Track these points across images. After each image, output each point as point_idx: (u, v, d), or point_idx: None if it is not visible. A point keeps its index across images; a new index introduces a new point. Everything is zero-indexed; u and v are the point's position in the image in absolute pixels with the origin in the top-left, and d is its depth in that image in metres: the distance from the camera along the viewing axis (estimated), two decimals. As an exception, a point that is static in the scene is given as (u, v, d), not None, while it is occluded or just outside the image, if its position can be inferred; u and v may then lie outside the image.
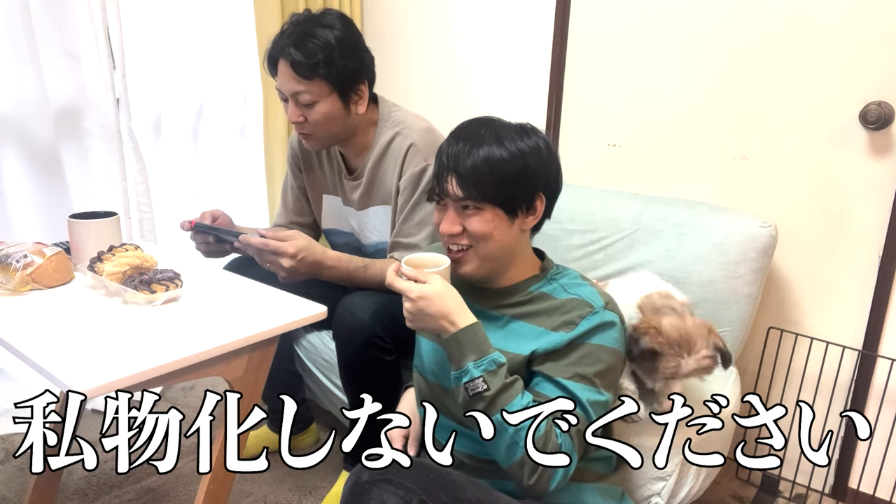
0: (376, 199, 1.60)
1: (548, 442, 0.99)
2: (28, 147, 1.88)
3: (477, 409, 1.01)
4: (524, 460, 0.98)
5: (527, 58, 2.12)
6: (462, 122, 1.13)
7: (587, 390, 1.04)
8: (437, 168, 1.11)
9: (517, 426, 0.98)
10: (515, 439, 0.99)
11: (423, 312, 1.04)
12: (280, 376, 1.78)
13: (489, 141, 1.06)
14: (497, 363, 1.02)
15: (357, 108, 1.51)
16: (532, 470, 0.99)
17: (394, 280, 1.06)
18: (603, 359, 1.06)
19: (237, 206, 2.43)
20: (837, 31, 1.59)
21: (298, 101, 1.45)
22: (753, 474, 1.85)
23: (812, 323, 1.74)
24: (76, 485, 1.72)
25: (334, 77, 1.43)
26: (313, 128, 1.49)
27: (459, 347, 1.03)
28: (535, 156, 1.08)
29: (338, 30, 1.43)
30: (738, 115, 1.77)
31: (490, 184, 1.06)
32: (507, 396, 1.01)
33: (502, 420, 0.99)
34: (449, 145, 1.10)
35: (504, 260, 1.13)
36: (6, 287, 1.18)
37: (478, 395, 1.00)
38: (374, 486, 0.99)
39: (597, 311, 1.07)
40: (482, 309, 1.16)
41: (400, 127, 1.54)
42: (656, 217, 1.69)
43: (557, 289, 1.12)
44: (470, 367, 1.01)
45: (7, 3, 1.74)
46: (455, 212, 1.09)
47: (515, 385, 1.02)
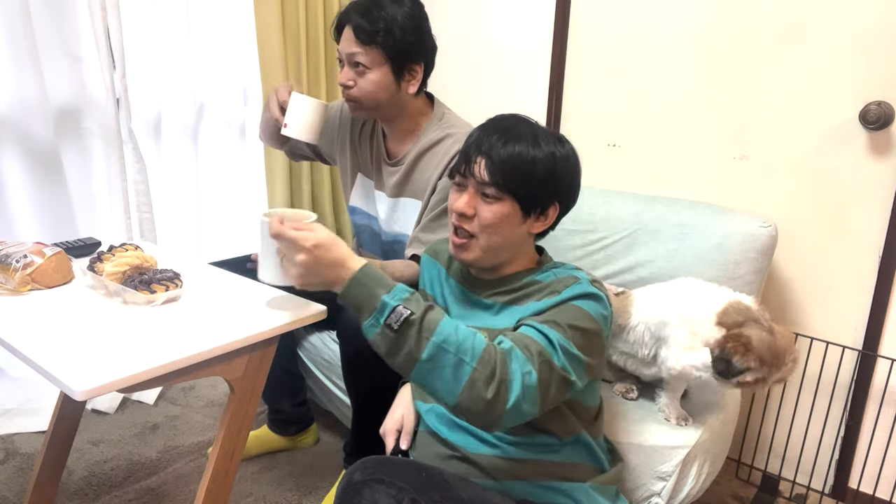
0: (409, 191, 1.60)
1: (494, 352, 0.94)
2: (28, 147, 1.88)
3: (409, 344, 0.92)
4: (474, 376, 0.91)
5: (527, 58, 2.13)
6: (499, 115, 1.14)
7: (558, 335, 1.00)
8: (467, 149, 1.11)
9: (458, 342, 0.92)
10: (460, 356, 0.91)
11: (321, 262, 0.95)
12: (282, 377, 1.78)
13: (526, 138, 1.08)
14: (408, 290, 0.96)
15: (408, 86, 1.52)
16: (487, 381, 0.91)
17: (282, 230, 0.97)
18: (580, 318, 1.03)
19: (237, 206, 2.43)
20: (837, 31, 1.59)
21: (353, 64, 1.48)
22: (753, 474, 1.85)
23: (812, 323, 1.74)
24: (76, 485, 1.72)
25: (390, 48, 1.46)
26: (360, 94, 1.50)
27: (365, 288, 0.94)
28: (564, 164, 1.10)
29: (406, 6, 1.47)
30: (738, 115, 1.77)
31: (517, 178, 1.07)
32: (435, 315, 0.94)
33: (439, 343, 0.91)
34: (485, 132, 1.10)
35: (504, 255, 1.14)
36: (6, 287, 1.18)
37: (405, 321, 0.92)
38: (366, 485, 0.99)
39: (581, 282, 1.08)
40: (476, 298, 1.17)
41: (452, 130, 1.55)
42: (656, 217, 1.69)
43: (549, 276, 1.14)
44: (385, 298, 0.93)
45: (7, 3, 1.74)
46: (473, 195, 1.10)
47: (437, 308, 0.97)
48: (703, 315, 1.32)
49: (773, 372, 1.23)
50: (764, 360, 1.22)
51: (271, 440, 1.88)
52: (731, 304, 1.31)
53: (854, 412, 1.71)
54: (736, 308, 1.30)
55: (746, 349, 1.22)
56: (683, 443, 1.34)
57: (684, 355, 1.33)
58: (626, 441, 1.35)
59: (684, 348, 1.33)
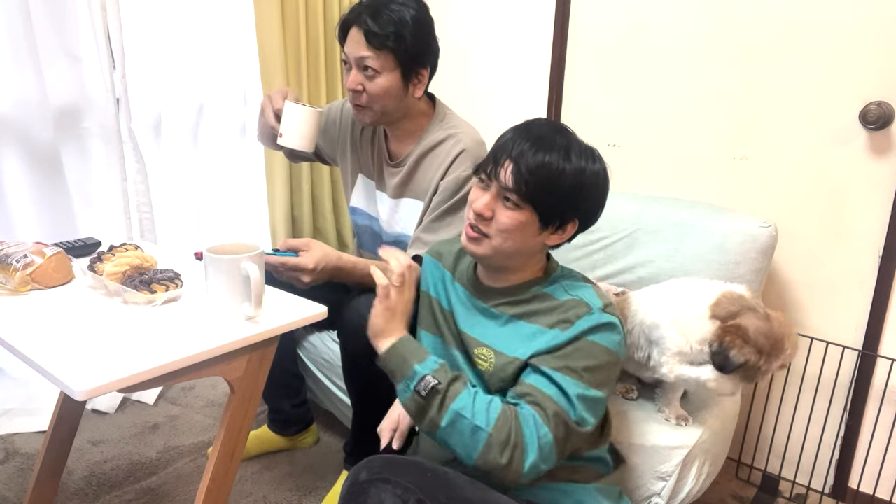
0: (411, 192, 1.60)
1: (510, 418, 0.99)
2: (28, 147, 1.88)
3: (433, 410, 1.01)
4: (490, 441, 0.98)
5: (527, 58, 2.13)
6: (535, 119, 1.12)
7: (574, 384, 1.02)
8: (497, 150, 1.09)
9: (475, 410, 0.99)
10: (476, 423, 0.99)
11: (393, 313, 1.07)
12: (282, 377, 1.78)
13: (559, 149, 1.05)
14: (438, 361, 1.05)
15: (415, 90, 1.52)
16: (502, 447, 0.98)
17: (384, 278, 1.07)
18: (595, 355, 1.04)
19: (237, 205, 2.43)
20: (838, 31, 1.59)
21: (362, 69, 1.47)
22: (753, 474, 1.85)
23: (812, 323, 1.75)
24: (76, 485, 1.72)
25: (401, 53, 1.45)
26: (369, 99, 1.49)
27: (401, 357, 1.05)
28: (592, 180, 1.08)
29: (413, 9, 1.46)
30: (738, 115, 1.77)
31: (542, 189, 1.04)
32: (458, 387, 1.02)
33: (457, 411, 1.00)
34: (518, 135, 1.08)
35: (515, 261, 1.13)
36: (6, 287, 1.18)
37: (432, 389, 1.01)
38: (371, 485, 0.99)
39: (593, 312, 1.06)
40: (483, 306, 1.16)
41: (454, 131, 1.55)
42: (656, 217, 1.69)
43: (558, 289, 1.12)
44: (416, 367, 1.03)
45: (7, 3, 1.74)
46: (494, 197, 1.08)
47: (462, 378, 1.04)
48: (695, 312, 1.30)
49: (773, 360, 1.21)
50: (762, 350, 1.21)
51: (271, 440, 1.88)
52: (723, 294, 1.30)
53: (854, 412, 1.71)
54: (729, 298, 1.29)
55: (744, 341, 1.21)
56: (683, 443, 1.34)
57: (678, 368, 1.32)
58: (627, 441, 1.35)
59: (676, 355, 1.32)
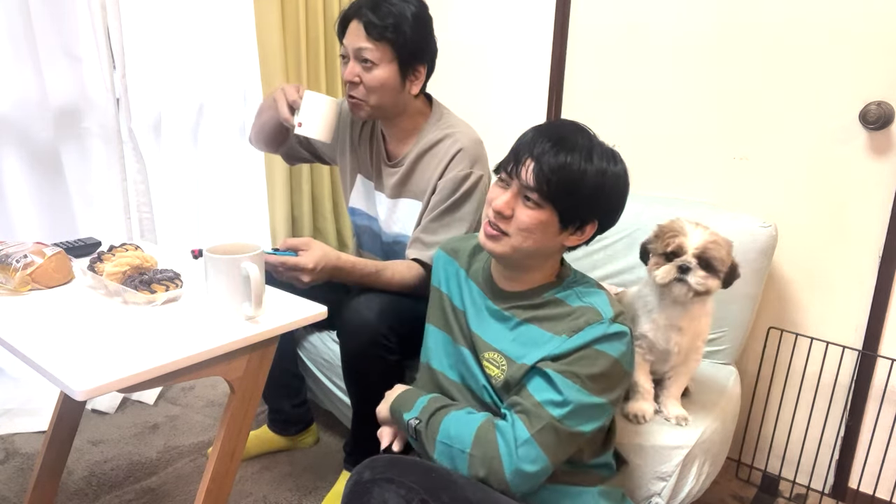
0: (409, 192, 1.60)
1: (485, 433, 1.05)
2: (28, 147, 1.88)
3: (426, 446, 1.12)
4: (471, 461, 1.05)
5: (527, 58, 2.13)
6: (559, 120, 1.13)
7: (576, 389, 1.03)
8: (518, 148, 1.09)
9: (455, 436, 1.08)
10: (458, 447, 1.07)
11: None
12: (282, 377, 1.78)
13: (581, 149, 1.05)
14: (424, 401, 1.16)
15: (412, 87, 1.52)
16: (480, 462, 1.04)
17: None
18: (600, 363, 1.04)
19: (237, 205, 2.43)
20: (837, 31, 1.59)
21: (360, 59, 1.47)
22: (753, 474, 1.85)
23: (812, 323, 1.75)
24: (76, 485, 1.72)
25: (399, 46, 1.46)
26: (366, 92, 1.49)
27: (396, 412, 1.19)
28: (613, 182, 1.08)
29: (413, 5, 1.47)
30: (738, 115, 1.77)
31: (563, 189, 1.04)
32: (437, 418, 1.12)
33: (441, 441, 1.09)
34: (539, 134, 1.08)
35: (533, 261, 1.13)
36: (6, 287, 1.18)
37: (415, 430, 1.14)
38: (375, 485, 0.99)
39: (603, 321, 1.06)
40: (495, 308, 1.17)
41: (451, 130, 1.55)
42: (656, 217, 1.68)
43: (571, 295, 1.12)
44: (405, 416, 1.17)
45: (7, 3, 1.74)
46: (515, 195, 1.08)
47: (442, 410, 1.13)
48: None
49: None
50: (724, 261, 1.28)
51: (271, 440, 1.88)
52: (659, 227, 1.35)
53: (854, 412, 1.71)
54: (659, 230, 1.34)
55: (726, 251, 1.27)
56: (683, 443, 1.34)
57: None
58: (627, 441, 1.35)
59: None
